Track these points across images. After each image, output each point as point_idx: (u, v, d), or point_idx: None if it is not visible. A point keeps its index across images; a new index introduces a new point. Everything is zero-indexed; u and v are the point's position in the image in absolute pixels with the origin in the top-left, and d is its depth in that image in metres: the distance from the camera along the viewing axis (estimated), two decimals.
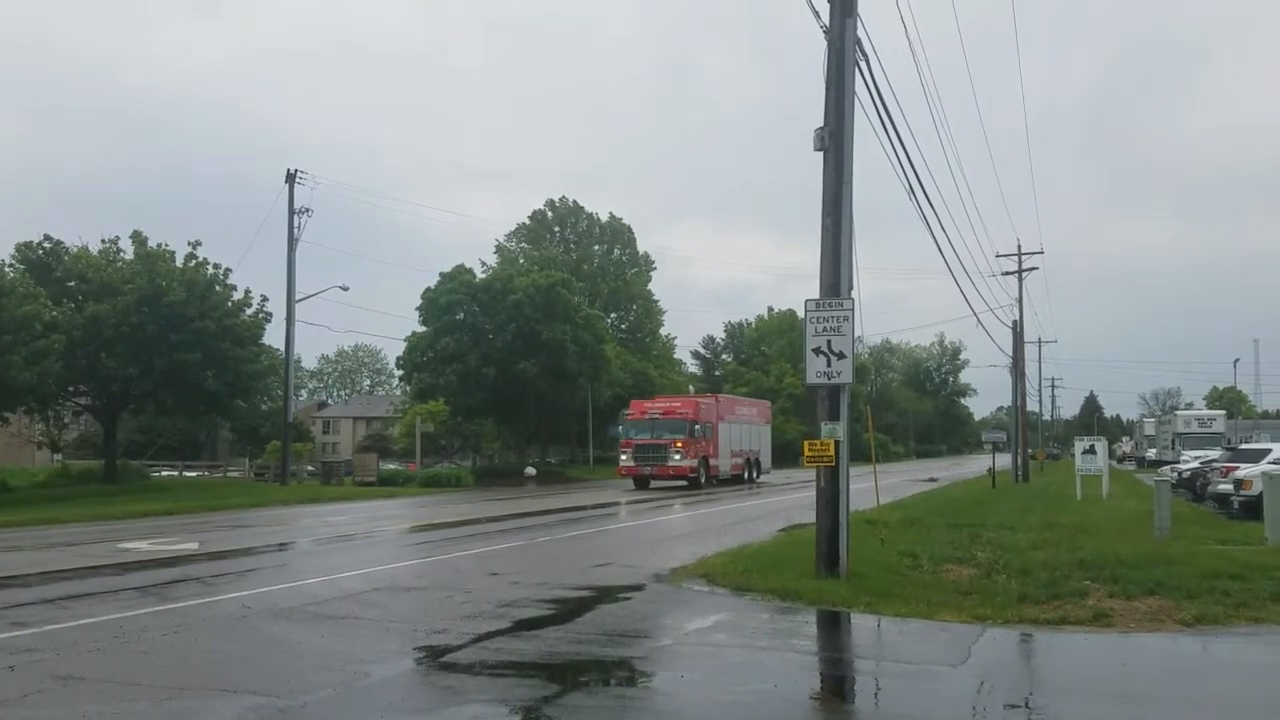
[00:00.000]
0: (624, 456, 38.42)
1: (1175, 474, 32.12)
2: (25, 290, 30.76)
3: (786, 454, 72.51)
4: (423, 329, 52.37)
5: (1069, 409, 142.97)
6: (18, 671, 7.63)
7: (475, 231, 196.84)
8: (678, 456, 36.88)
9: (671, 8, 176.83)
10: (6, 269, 32.92)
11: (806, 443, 12.19)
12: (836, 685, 7.88)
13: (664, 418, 37.99)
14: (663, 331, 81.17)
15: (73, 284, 36.37)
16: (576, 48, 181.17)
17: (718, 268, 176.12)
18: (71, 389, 38.21)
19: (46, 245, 36.65)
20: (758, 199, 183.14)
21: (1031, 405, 64.97)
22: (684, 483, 37.63)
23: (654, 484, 38.01)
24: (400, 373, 57.59)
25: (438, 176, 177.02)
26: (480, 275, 56.07)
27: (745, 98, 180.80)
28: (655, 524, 22.29)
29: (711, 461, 39.11)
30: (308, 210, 41.04)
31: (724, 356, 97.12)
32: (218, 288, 38.19)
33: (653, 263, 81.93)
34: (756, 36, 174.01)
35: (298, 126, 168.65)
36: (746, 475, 42.43)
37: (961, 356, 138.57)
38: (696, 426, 37.74)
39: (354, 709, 6.74)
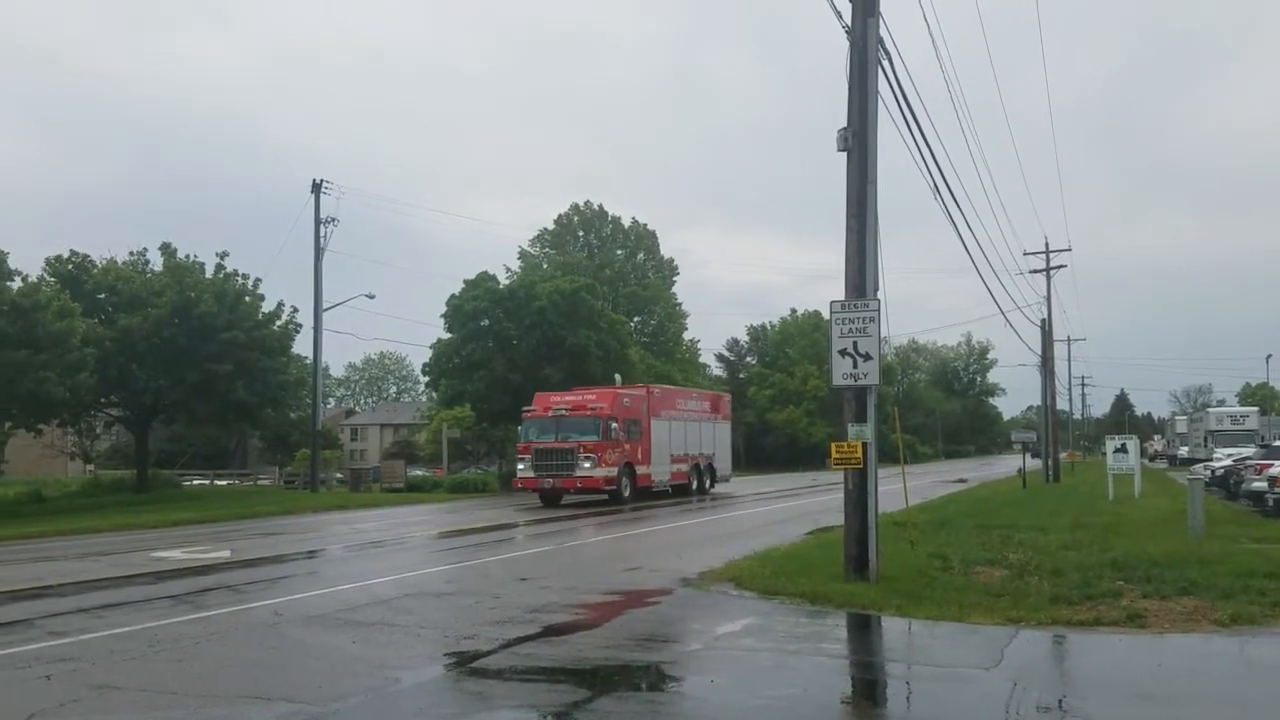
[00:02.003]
0: (521, 465, 31.06)
1: (1208, 472, 31.79)
2: (61, 306, 31.11)
3: (813, 456, 72.51)
4: (448, 336, 52.66)
5: (1099, 408, 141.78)
6: (54, 680, 7.72)
7: (490, 237, 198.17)
8: (588, 464, 29.46)
9: (680, 12, 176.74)
10: (43, 285, 33.29)
11: (834, 445, 12.15)
12: (867, 689, 7.84)
13: (571, 415, 30.55)
14: (686, 335, 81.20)
15: (102, 296, 36.79)
16: (583, 54, 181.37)
17: (735, 270, 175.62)
18: (103, 400, 38.63)
19: (76, 259, 37.07)
20: (774, 200, 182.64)
21: (1061, 404, 64.39)
22: (603, 497, 30.62)
23: (566, 499, 31.08)
24: (426, 379, 57.88)
25: (448, 183, 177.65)
26: (504, 281, 56.31)
27: (759, 99, 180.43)
28: (683, 528, 22.27)
29: (640, 469, 31.70)
30: (334, 220, 41.39)
31: (748, 359, 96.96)
32: (246, 299, 38.53)
33: (675, 267, 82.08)
34: (769, 38, 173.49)
35: (306, 134, 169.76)
36: (695, 485, 34.98)
37: (989, 356, 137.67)
38: (614, 425, 30.34)
39: (385, 715, 6.78)
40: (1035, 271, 45.47)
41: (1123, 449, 28.44)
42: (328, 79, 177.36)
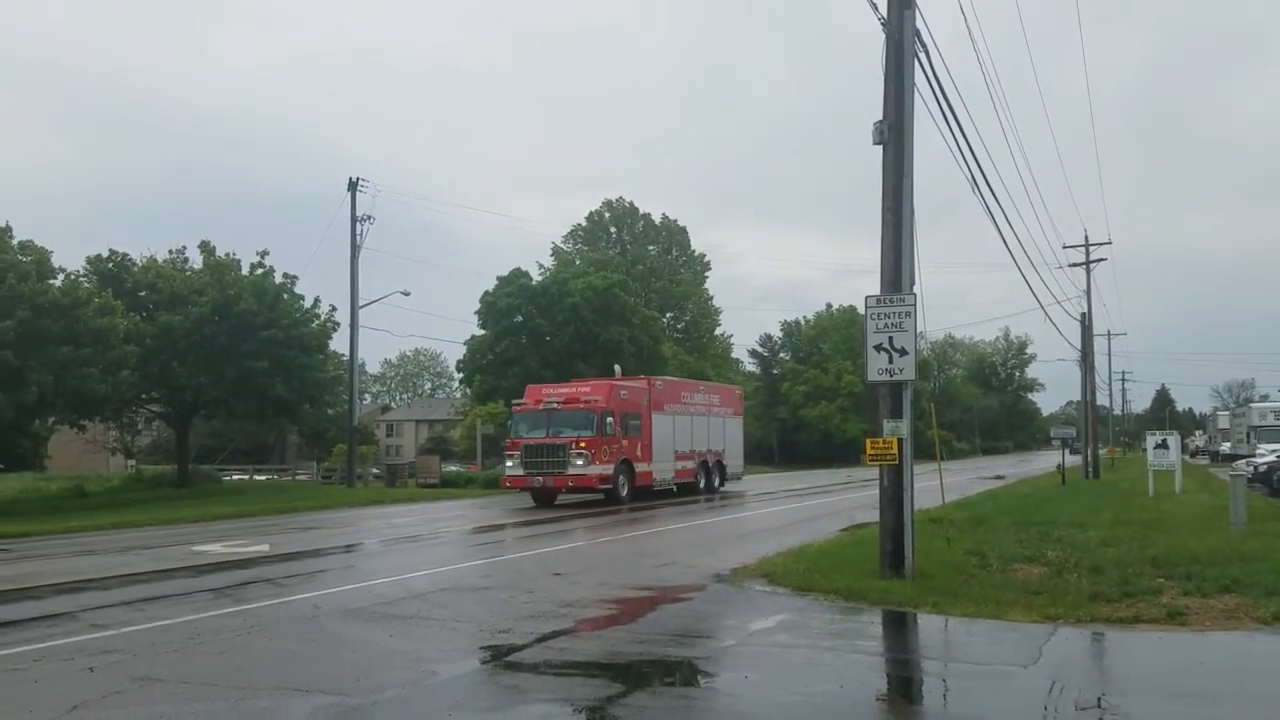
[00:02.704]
0: (510, 463, 28.96)
1: (1251, 468, 31.28)
2: (103, 303, 31.63)
3: (848, 452, 72.15)
4: (482, 332, 52.98)
5: (1140, 403, 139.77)
6: (97, 673, 7.84)
7: (522, 234, 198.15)
8: (581, 461, 27.35)
9: (708, 6, 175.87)
10: (83, 282, 33.86)
11: (869, 441, 12.08)
12: (904, 686, 7.79)
13: (564, 408, 28.54)
14: (718, 330, 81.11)
15: (143, 294, 37.36)
16: (608, 50, 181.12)
17: (768, 265, 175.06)
18: (144, 396, 39.23)
19: (115, 258, 37.66)
20: (808, 196, 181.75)
21: (1101, 399, 63.63)
22: (599, 496, 28.73)
23: (561, 499, 29.07)
24: (461, 375, 58.27)
25: (474, 181, 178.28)
26: (537, 278, 56.54)
27: (790, 94, 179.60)
28: (717, 524, 22.26)
29: (639, 467, 29.62)
30: (369, 218, 41.66)
31: (781, 355, 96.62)
32: (285, 296, 38.97)
33: (707, 262, 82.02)
34: (800, 32, 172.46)
35: (330, 133, 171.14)
36: (703, 483, 32.88)
37: (1028, 351, 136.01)
38: (610, 419, 28.30)
39: (422, 707, 6.83)
40: (1075, 265, 44.92)
41: (1163, 445, 28.04)
42: (347, 78, 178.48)
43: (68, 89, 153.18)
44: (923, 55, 12.50)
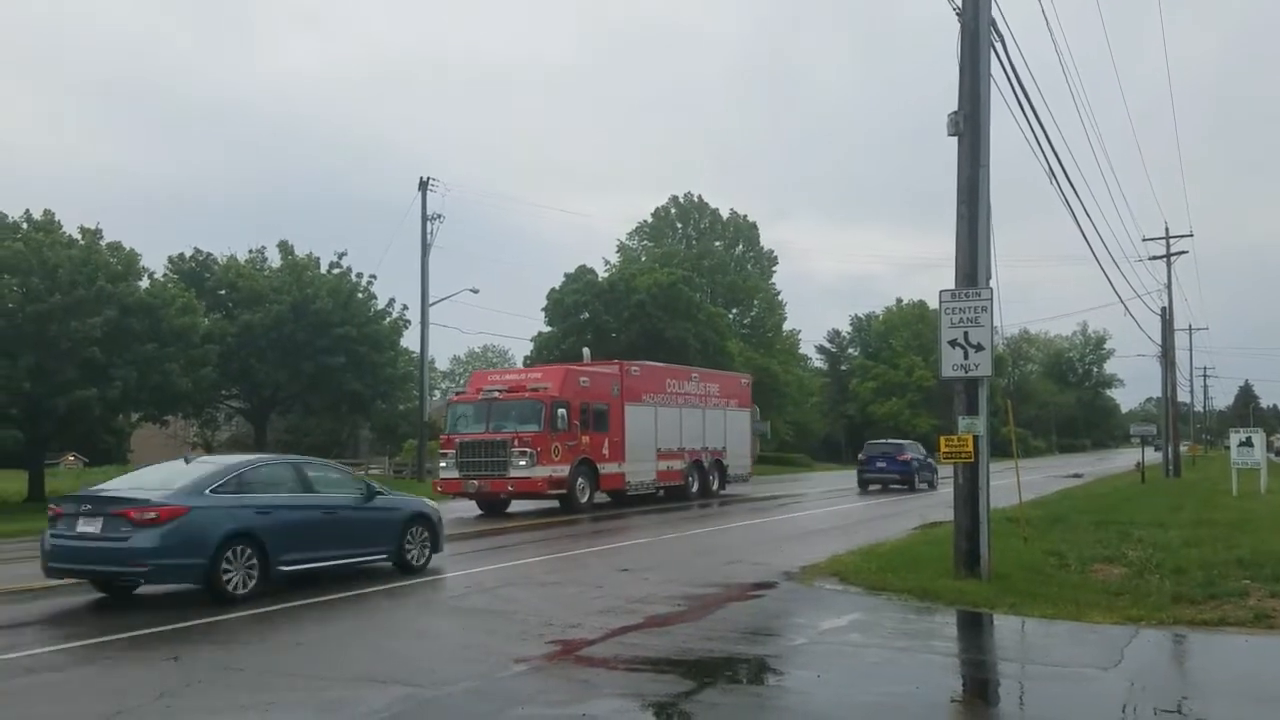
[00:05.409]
0: (443, 463, 25.05)
1: None
2: (185, 302, 32.59)
3: None
4: (549, 329, 53.33)
5: (1222, 399, 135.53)
6: (182, 661, 8.07)
7: (589, 231, 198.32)
8: (524, 461, 22.93)
9: (778, 1, 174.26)
10: (167, 283, 34.89)
11: (943, 438, 11.91)
12: (980, 688, 7.67)
13: (506, 398, 24.13)
14: (786, 326, 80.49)
15: (223, 292, 38.43)
16: (679, 46, 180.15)
17: (834, 261, 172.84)
18: (224, 392, 40.33)
19: (199, 257, 38.83)
20: (874, 189, 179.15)
21: (1182, 396, 61.87)
22: (554, 503, 24.52)
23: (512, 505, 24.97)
24: None
25: (546, 179, 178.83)
26: (603, 274, 56.69)
27: (857, 87, 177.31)
28: (782, 521, 22.13)
29: (605, 468, 25.10)
30: (440, 216, 42.16)
31: (850, 350, 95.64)
32: (359, 294, 39.77)
33: (775, 258, 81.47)
34: (870, 25, 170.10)
35: (406, 134, 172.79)
36: (696, 486, 28.29)
37: (1106, 346, 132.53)
38: (563, 411, 23.66)
39: (495, 700, 6.90)
40: (1155, 258, 43.77)
41: (1247, 442, 27.26)
42: (417, 78, 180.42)
43: (150, 94, 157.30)
44: (998, 44, 12.28)
